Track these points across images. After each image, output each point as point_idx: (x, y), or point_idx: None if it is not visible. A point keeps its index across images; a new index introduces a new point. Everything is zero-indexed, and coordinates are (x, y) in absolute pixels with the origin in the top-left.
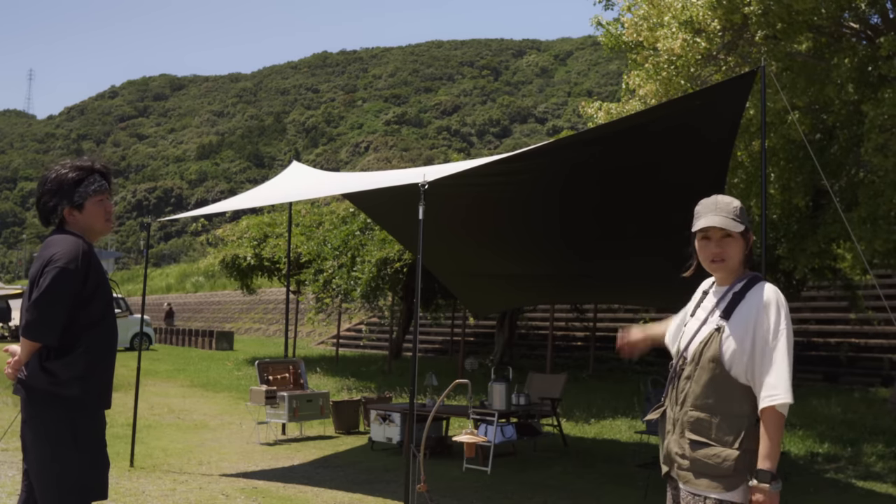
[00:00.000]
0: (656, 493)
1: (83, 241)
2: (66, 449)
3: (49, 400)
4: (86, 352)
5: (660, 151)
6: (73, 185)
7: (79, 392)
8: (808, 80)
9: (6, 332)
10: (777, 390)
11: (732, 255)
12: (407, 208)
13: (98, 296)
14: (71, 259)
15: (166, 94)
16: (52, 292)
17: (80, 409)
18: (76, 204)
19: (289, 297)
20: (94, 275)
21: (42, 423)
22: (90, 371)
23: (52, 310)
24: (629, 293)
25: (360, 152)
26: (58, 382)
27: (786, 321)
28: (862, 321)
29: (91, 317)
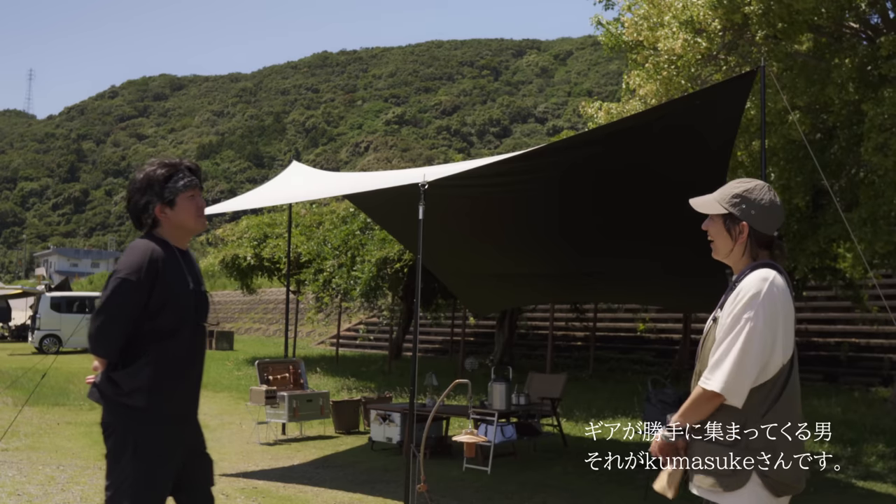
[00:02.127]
0: (656, 493)
1: (158, 248)
2: (124, 457)
3: (114, 408)
4: (151, 363)
5: (660, 151)
6: (162, 181)
7: (143, 403)
8: (808, 80)
9: (6, 332)
10: (712, 375)
11: (715, 238)
12: (407, 208)
13: (171, 305)
14: (134, 270)
15: (166, 94)
16: (110, 305)
17: (143, 421)
18: (167, 200)
19: (289, 297)
20: (164, 283)
21: (111, 432)
22: (156, 383)
23: (109, 323)
24: (630, 292)
25: (360, 152)
26: (122, 393)
27: (752, 311)
28: (869, 321)
29: (159, 327)
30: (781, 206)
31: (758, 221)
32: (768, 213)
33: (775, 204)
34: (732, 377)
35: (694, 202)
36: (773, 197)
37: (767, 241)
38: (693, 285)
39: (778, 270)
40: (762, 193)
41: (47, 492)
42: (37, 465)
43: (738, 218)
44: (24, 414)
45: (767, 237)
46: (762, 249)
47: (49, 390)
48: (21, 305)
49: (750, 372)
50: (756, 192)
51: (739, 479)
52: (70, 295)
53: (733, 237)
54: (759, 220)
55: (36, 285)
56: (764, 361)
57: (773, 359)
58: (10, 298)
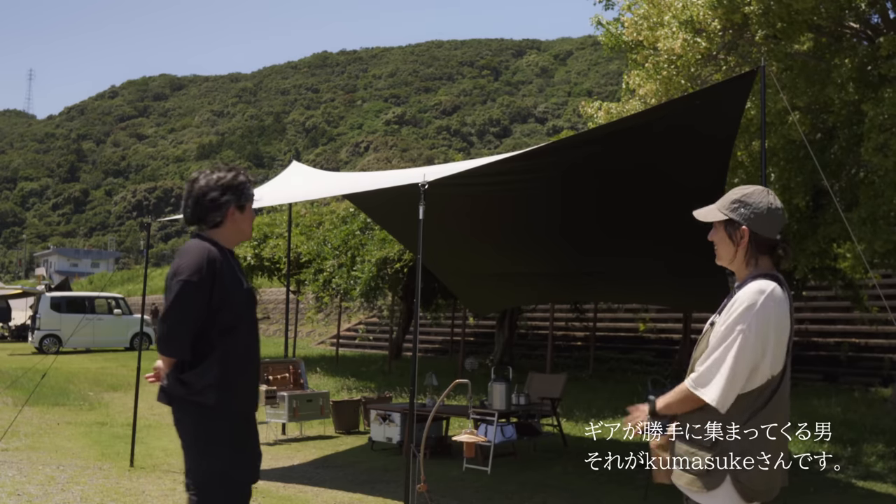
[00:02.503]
0: (656, 493)
1: (213, 249)
2: (206, 452)
3: (187, 407)
4: (219, 360)
5: (660, 151)
6: (242, 186)
7: (215, 400)
8: (808, 80)
9: (6, 332)
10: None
11: (718, 245)
12: (407, 208)
13: (228, 303)
14: (195, 270)
15: (166, 94)
16: (177, 307)
17: (216, 416)
18: (240, 205)
19: (289, 297)
20: (222, 282)
21: (186, 431)
22: (225, 379)
23: (178, 325)
24: (630, 291)
25: (360, 152)
26: (193, 392)
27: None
28: (869, 321)
29: (223, 324)
30: (782, 210)
31: (757, 225)
32: (768, 216)
33: (775, 207)
34: (726, 389)
35: (697, 213)
36: (772, 200)
37: (770, 244)
38: (694, 285)
39: (778, 282)
40: (761, 197)
41: (47, 492)
42: (37, 465)
43: (737, 223)
44: (24, 414)
45: (769, 241)
46: (765, 254)
47: (49, 390)
48: (21, 305)
49: (739, 382)
50: (755, 196)
51: (714, 480)
52: (70, 295)
53: (735, 242)
54: (759, 223)
55: (36, 285)
56: (752, 370)
57: (760, 370)
58: (10, 298)
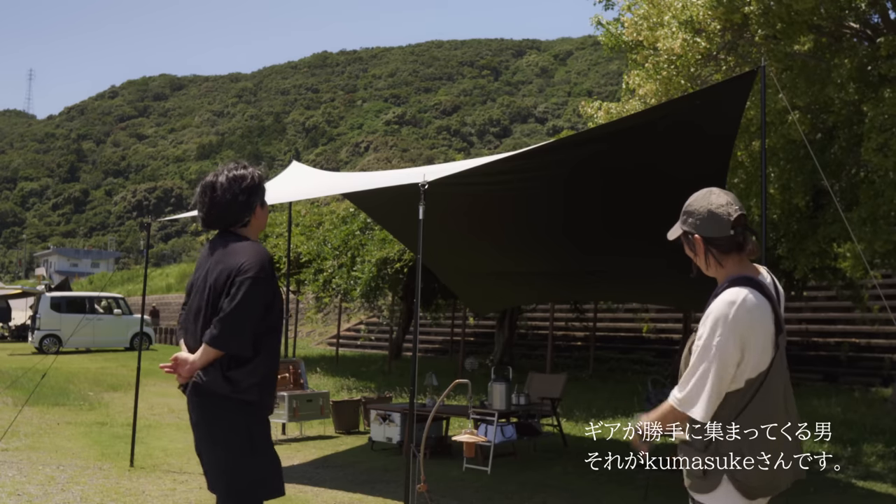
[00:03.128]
0: (656, 493)
1: (266, 249)
2: (244, 453)
3: (227, 405)
4: (266, 358)
5: (660, 151)
6: (262, 183)
7: (257, 397)
8: (808, 80)
9: (6, 332)
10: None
11: (692, 259)
12: (407, 208)
13: (276, 303)
14: (261, 268)
15: (166, 94)
16: (247, 304)
17: (255, 413)
18: (262, 202)
19: (289, 297)
20: (276, 281)
21: (217, 428)
22: (268, 376)
23: (246, 322)
24: (632, 291)
25: (360, 152)
26: (239, 390)
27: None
28: (869, 321)
29: (271, 322)
30: (726, 204)
31: (705, 229)
32: (710, 218)
33: (717, 206)
34: (711, 404)
35: (668, 234)
36: (714, 200)
37: (729, 242)
38: (695, 284)
39: (752, 284)
40: (702, 202)
41: (47, 492)
42: (37, 465)
43: (690, 232)
44: (24, 414)
45: (725, 239)
46: (731, 253)
47: (49, 390)
48: (21, 305)
49: (722, 394)
50: (696, 202)
51: (712, 481)
52: (70, 295)
53: (696, 252)
54: (706, 227)
55: (36, 285)
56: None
57: (742, 374)
58: (10, 298)
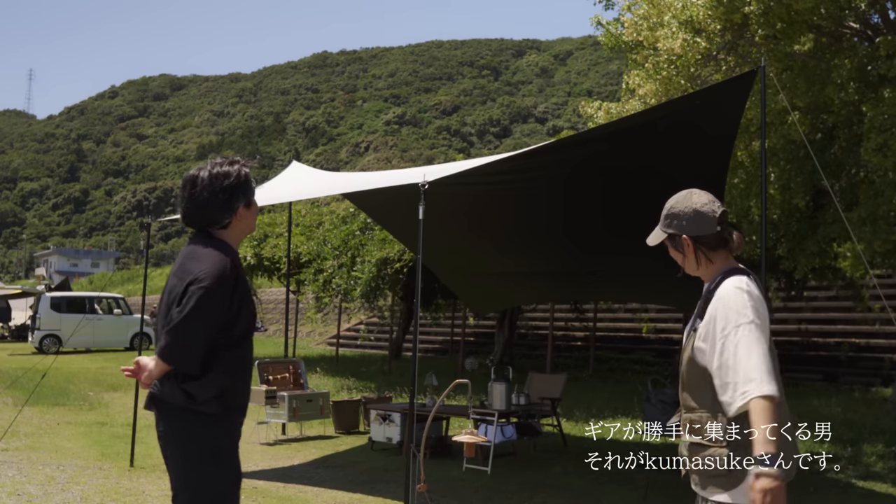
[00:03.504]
0: (656, 493)
1: (233, 254)
2: (205, 465)
3: (186, 416)
4: (224, 372)
5: (660, 151)
6: (248, 181)
7: (217, 409)
8: (808, 80)
9: (6, 332)
10: (748, 386)
11: (677, 260)
12: (407, 208)
13: (242, 315)
14: (218, 278)
15: (166, 94)
16: (196, 317)
17: (217, 426)
18: (248, 202)
19: (289, 297)
20: (240, 291)
21: (179, 440)
22: (229, 390)
23: (193, 335)
24: (632, 290)
25: (360, 152)
26: (196, 402)
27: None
28: (870, 321)
29: (233, 337)
30: (709, 202)
31: (692, 228)
32: (696, 217)
33: (700, 205)
34: (772, 376)
35: (648, 240)
36: (696, 200)
37: (716, 238)
38: (695, 285)
39: (747, 274)
40: (685, 203)
41: (47, 492)
42: (37, 465)
43: (676, 234)
44: (24, 414)
45: (712, 236)
46: (719, 249)
47: (49, 390)
48: (21, 305)
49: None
50: (679, 204)
51: (735, 478)
52: (70, 295)
53: (684, 253)
54: (693, 227)
55: (36, 285)
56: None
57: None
58: (10, 298)
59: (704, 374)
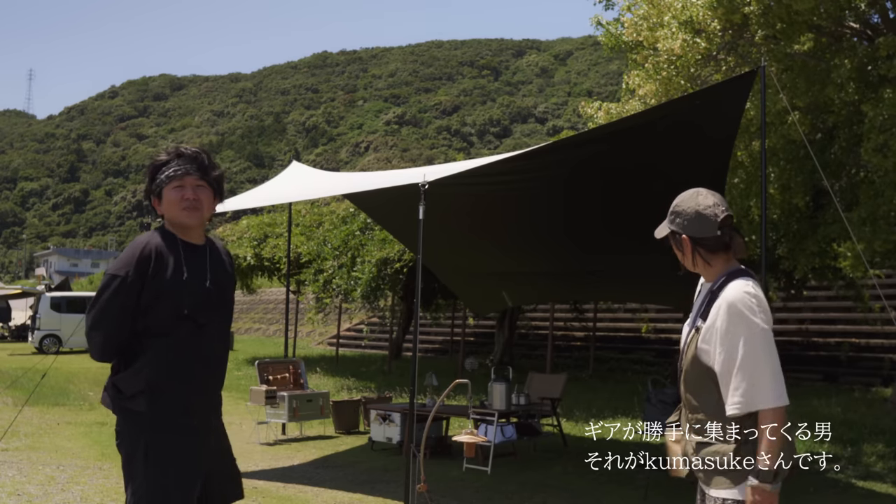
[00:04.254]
0: (656, 493)
1: (157, 241)
2: (136, 465)
3: (122, 414)
4: (150, 363)
5: (660, 151)
6: (153, 173)
7: (145, 407)
8: (808, 80)
9: (6, 332)
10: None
11: (680, 256)
12: (407, 208)
13: (162, 303)
14: (122, 265)
15: (166, 94)
16: (99, 304)
17: (148, 426)
18: (156, 193)
19: (289, 297)
20: (157, 279)
21: (121, 437)
22: (157, 386)
23: (96, 324)
24: (632, 290)
25: (360, 152)
26: (125, 397)
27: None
28: (871, 320)
29: (155, 327)
30: (714, 205)
31: (692, 229)
32: (697, 219)
33: (703, 207)
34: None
35: (655, 232)
36: (700, 201)
37: (717, 242)
38: (694, 284)
39: (751, 277)
40: (690, 202)
41: (47, 492)
42: (37, 465)
43: (678, 232)
44: (24, 414)
45: (712, 239)
46: (718, 252)
47: (49, 390)
48: (21, 305)
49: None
50: (684, 202)
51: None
52: (70, 295)
53: (683, 251)
54: (693, 227)
55: (36, 285)
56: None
57: None
58: (10, 298)
59: (708, 374)
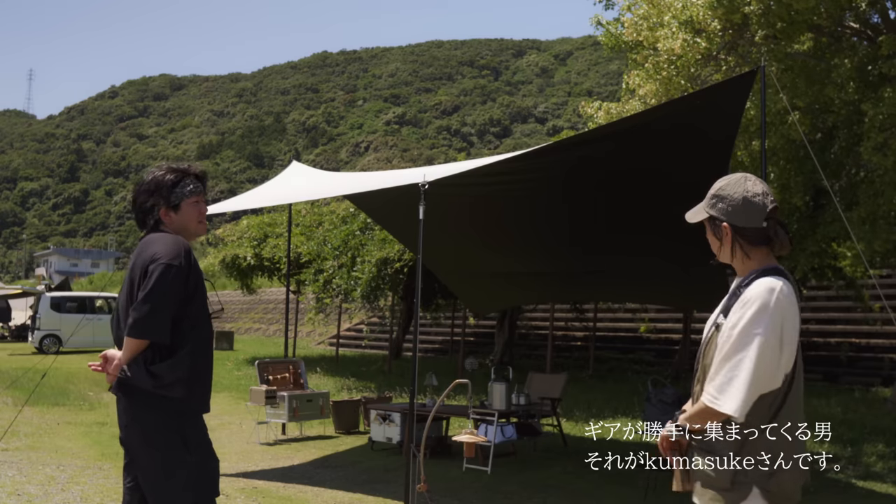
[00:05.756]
0: (656, 493)
1: (183, 240)
2: (177, 452)
3: (154, 402)
4: (191, 352)
5: (660, 151)
6: (170, 186)
7: (183, 393)
8: (808, 80)
9: (6, 332)
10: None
11: (712, 245)
12: (407, 208)
13: (198, 295)
14: (175, 255)
15: (166, 94)
16: (160, 289)
17: (185, 411)
18: (172, 205)
19: (289, 297)
20: (195, 273)
21: (148, 428)
22: (194, 372)
23: (161, 307)
24: (632, 290)
25: (360, 152)
26: (162, 385)
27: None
28: (871, 320)
29: (193, 317)
30: (762, 194)
31: (735, 217)
32: (744, 206)
33: (752, 194)
34: (746, 398)
35: (687, 215)
36: (749, 187)
37: (760, 234)
38: (695, 284)
39: (784, 276)
40: (737, 187)
41: (47, 492)
42: (37, 465)
43: (718, 218)
44: (24, 414)
45: (755, 230)
46: (759, 245)
47: (49, 390)
48: (21, 305)
49: (760, 388)
50: (729, 187)
51: (739, 493)
52: (70, 295)
53: (720, 239)
54: (737, 216)
55: (36, 285)
56: (772, 375)
57: (780, 371)
58: (10, 298)
59: None
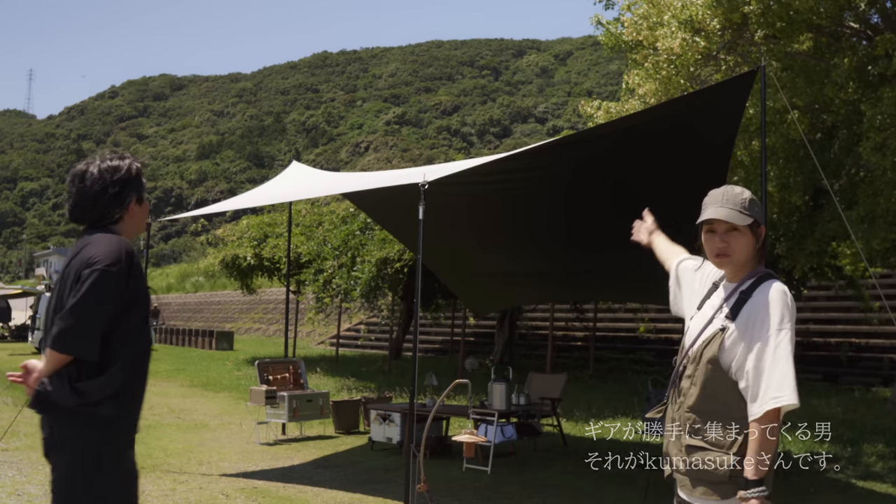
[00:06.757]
0: (656, 493)
1: (127, 243)
2: (95, 474)
3: (76, 420)
4: (122, 368)
5: (660, 150)
6: (139, 176)
7: (111, 412)
8: (807, 79)
9: (6, 332)
10: (782, 391)
11: (738, 250)
12: (407, 208)
13: (138, 305)
14: (115, 260)
15: (166, 94)
16: (93, 298)
17: (110, 431)
18: (140, 197)
19: (289, 297)
20: (136, 279)
21: (68, 446)
22: (125, 390)
23: (92, 319)
24: (631, 291)
25: (360, 152)
26: (88, 403)
27: (790, 323)
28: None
29: (129, 328)
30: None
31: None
32: (760, 210)
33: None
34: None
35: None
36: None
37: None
38: None
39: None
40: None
41: (47, 492)
42: (37, 465)
43: (757, 223)
44: (24, 414)
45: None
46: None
47: None
48: (21, 305)
49: None
50: (747, 193)
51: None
52: None
53: (758, 242)
54: (762, 219)
55: (36, 285)
56: None
57: None
58: (10, 298)
59: (726, 375)
